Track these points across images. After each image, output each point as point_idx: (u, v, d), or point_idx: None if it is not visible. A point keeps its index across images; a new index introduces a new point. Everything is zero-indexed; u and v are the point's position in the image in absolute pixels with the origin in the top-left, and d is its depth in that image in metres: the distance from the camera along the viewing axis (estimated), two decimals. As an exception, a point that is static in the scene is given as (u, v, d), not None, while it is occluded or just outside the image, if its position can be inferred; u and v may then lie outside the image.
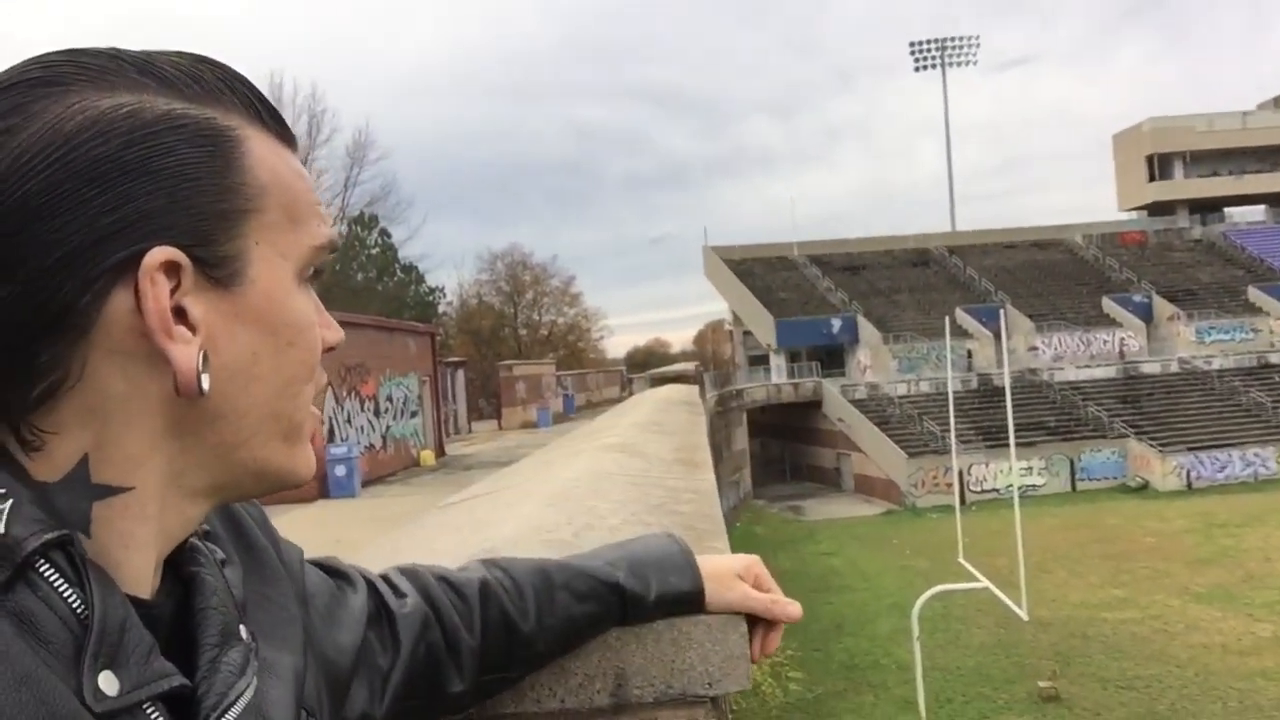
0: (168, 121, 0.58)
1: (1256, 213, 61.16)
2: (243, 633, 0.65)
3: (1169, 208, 61.72)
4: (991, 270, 54.52)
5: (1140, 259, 55.58)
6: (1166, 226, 60.11)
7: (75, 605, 0.54)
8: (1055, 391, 43.05)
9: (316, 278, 0.69)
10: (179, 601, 0.64)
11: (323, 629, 0.80)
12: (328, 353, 0.70)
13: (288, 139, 0.67)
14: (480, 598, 0.94)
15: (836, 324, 49.16)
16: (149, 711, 0.55)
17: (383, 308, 43.35)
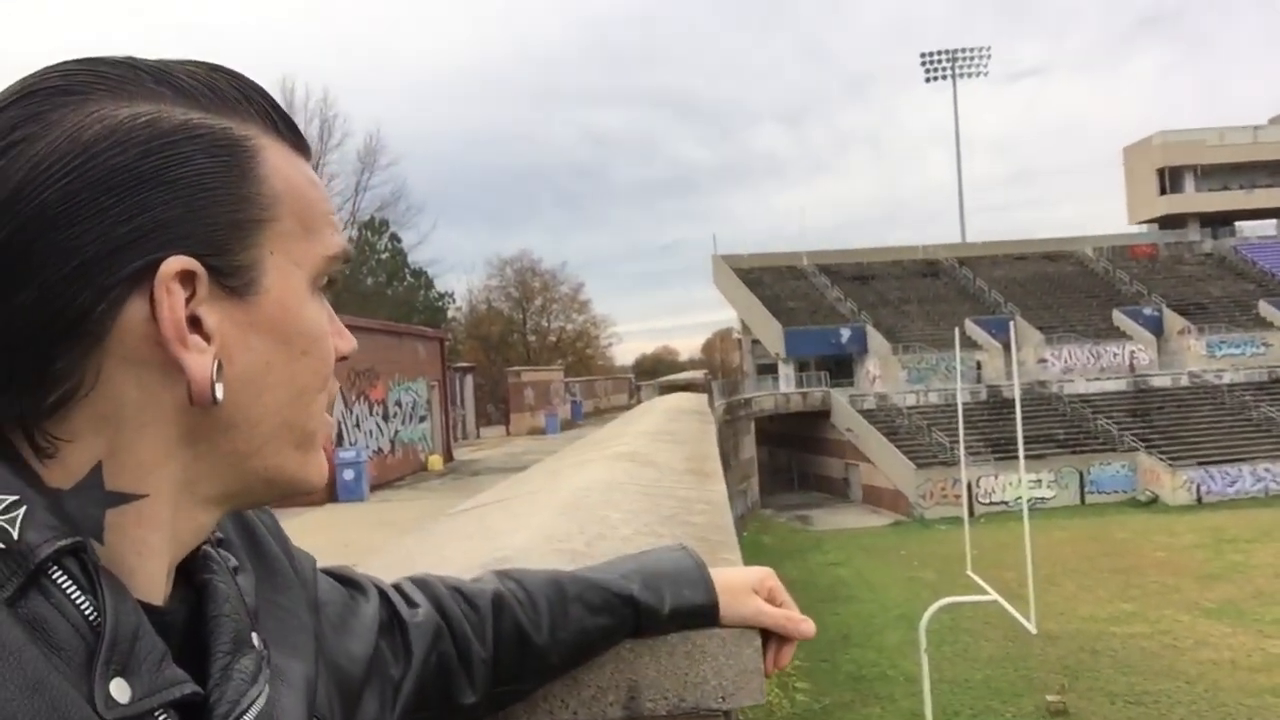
0: (185, 131, 0.59)
1: (1267, 227, 61.03)
2: (255, 640, 0.65)
3: (1180, 221, 61.58)
4: (1001, 282, 54.46)
5: (1151, 272, 55.49)
6: (1177, 240, 59.99)
7: (88, 612, 0.54)
8: (1065, 404, 42.95)
9: (330, 287, 0.69)
10: (191, 608, 0.64)
11: (334, 637, 0.79)
12: (340, 361, 0.70)
13: (302, 148, 0.67)
14: (493, 609, 0.93)
15: (845, 334, 49.14)
16: (161, 718, 0.55)
17: (392, 313, 43.36)
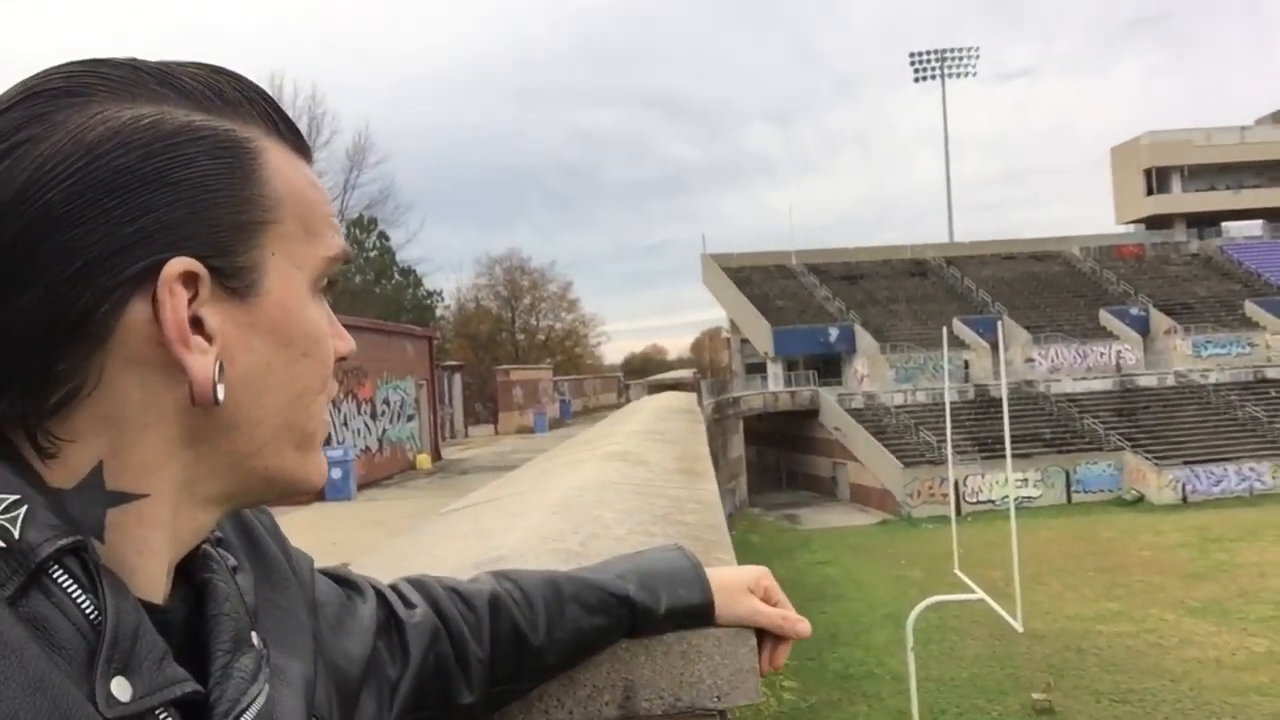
0: (188, 133, 0.59)
1: (1254, 227, 61.39)
2: (254, 639, 0.65)
3: (1166, 221, 61.90)
4: (989, 281, 54.63)
5: (1137, 272, 55.73)
6: (1164, 240, 60.28)
7: (88, 611, 0.54)
8: (1052, 403, 43.12)
9: (330, 289, 0.70)
10: (191, 608, 0.64)
11: (332, 638, 0.79)
12: (339, 362, 0.70)
13: (303, 151, 0.68)
14: (490, 609, 0.94)
15: (834, 333, 49.23)
16: (162, 717, 0.55)
17: (380, 311, 43.24)
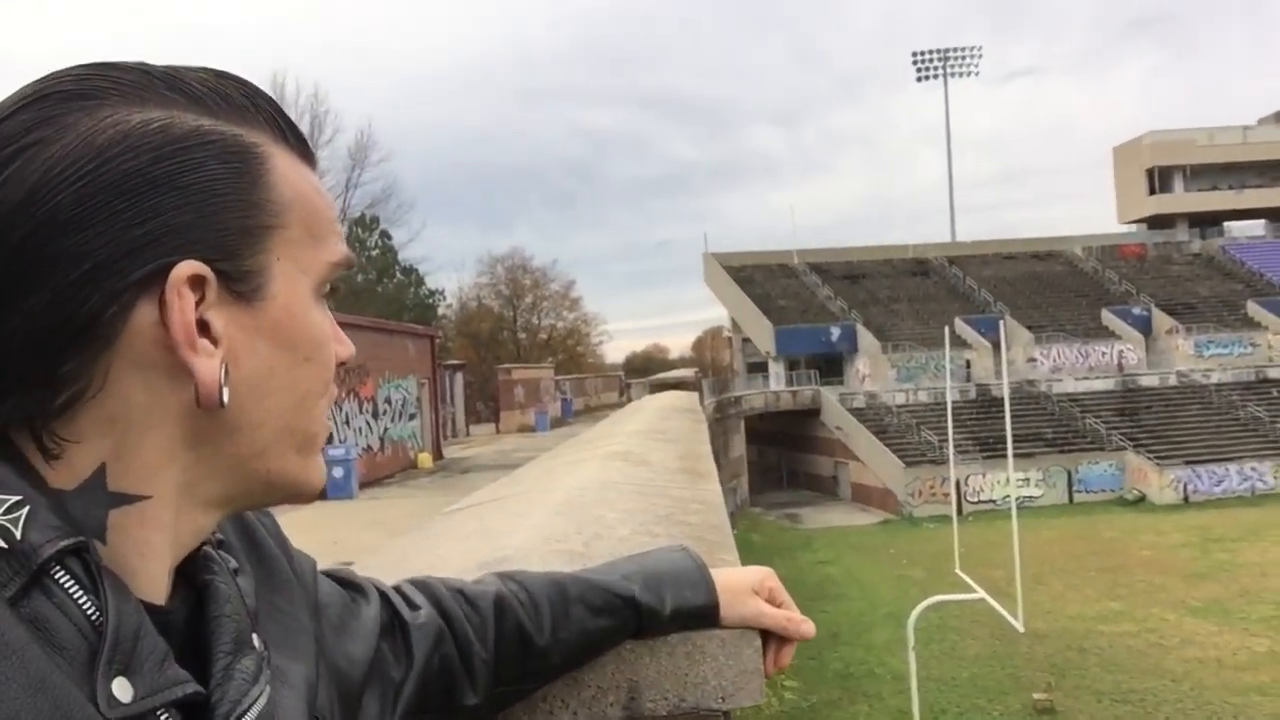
0: (197, 137, 0.59)
1: (1256, 227, 61.31)
2: (255, 641, 0.65)
3: (1169, 221, 61.83)
4: (991, 281, 54.60)
5: (1139, 272, 55.70)
6: (1166, 240, 60.23)
7: (90, 612, 0.54)
8: (1053, 403, 43.10)
9: (332, 294, 0.70)
10: (192, 609, 0.64)
11: (334, 640, 0.80)
12: (338, 366, 0.70)
13: (308, 156, 0.68)
14: (495, 610, 0.94)
15: (836, 332, 49.20)
16: (163, 718, 0.55)
17: (382, 309, 43.22)
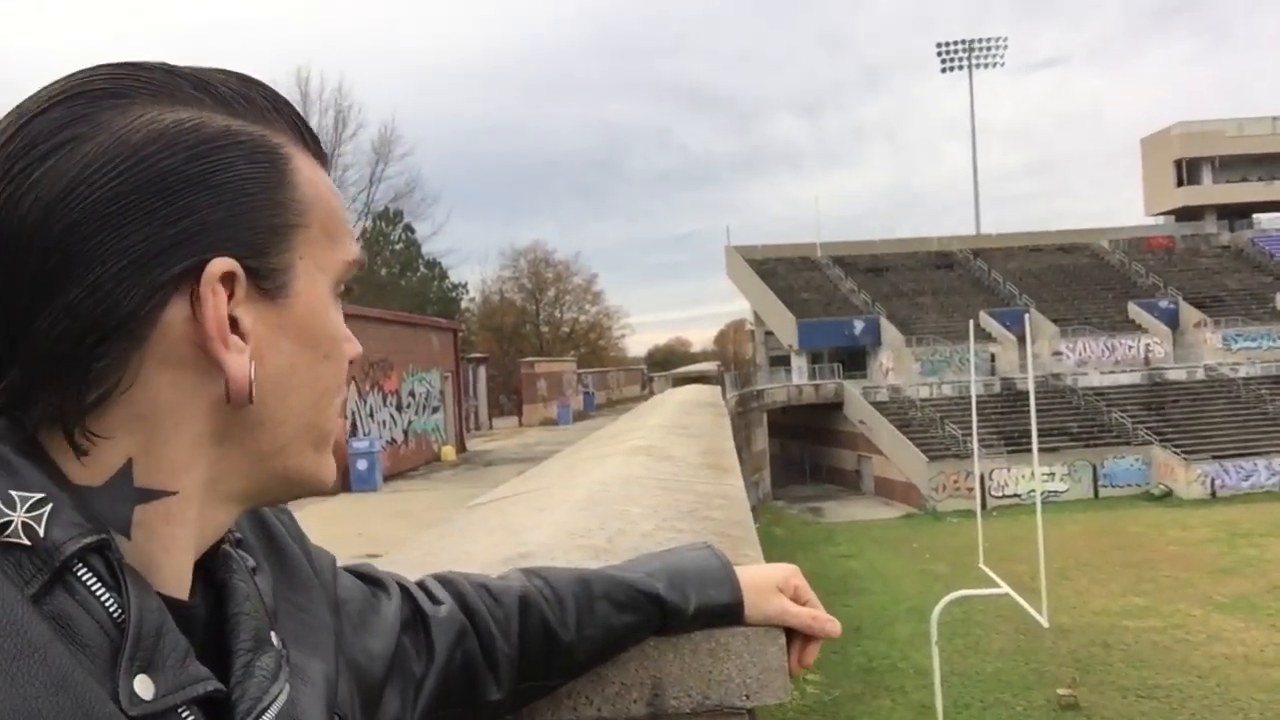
0: (227, 137, 0.61)
1: (1286, 220, 60.59)
2: (274, 639, 0.66)
3: (1197, 213, 61.18)
4: (1016, 274, 54.23)
5: (1167, 264, 55.18)
6: (1194, 232, 59.63)
7: (112, 609, 0.54)
8: (1079, 397, 42.79)
9: (347, 294, 0.72)
10: (211, 607, 0.65)
11: (354, 636, 0.80)
12: (349, 365, 0.72)
13: (323, 158, 0.70)
14: (520, 606, 0.94)
15: (859, 325, 48.97)
16: (184, 715, 0.56)
17: (406, 303, 43.43)
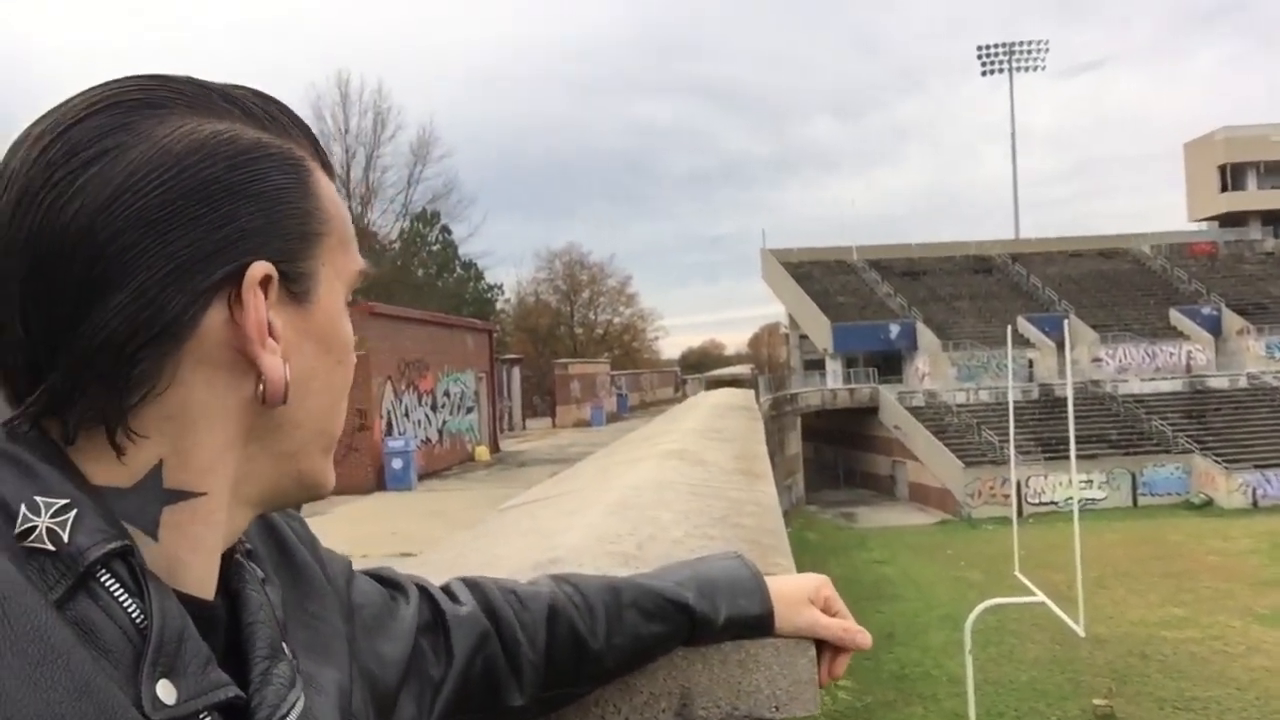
0: (260, 149, 0.63)
1: (1332, 226, 59.50)
2: (285, 650, 0.67)
3: (1241, 219, 60.24)
4: (1055, 279, 53.67)
5: (1210, 271, 54.39)
6: (1238, 238, 58.71)
7: (134, 615, 0.55)
8: (1118, 404, 42.27)
9: (352, 304, 0.74)
10: (227, 613, 0.66)
11: (367, 641, 0.81)
12: None
13: (332, 172, 0.73)
14: (548, 613, 0.94)
15: (895, 330, 48.66)
16: None
17: (442, 304, 43.65)
